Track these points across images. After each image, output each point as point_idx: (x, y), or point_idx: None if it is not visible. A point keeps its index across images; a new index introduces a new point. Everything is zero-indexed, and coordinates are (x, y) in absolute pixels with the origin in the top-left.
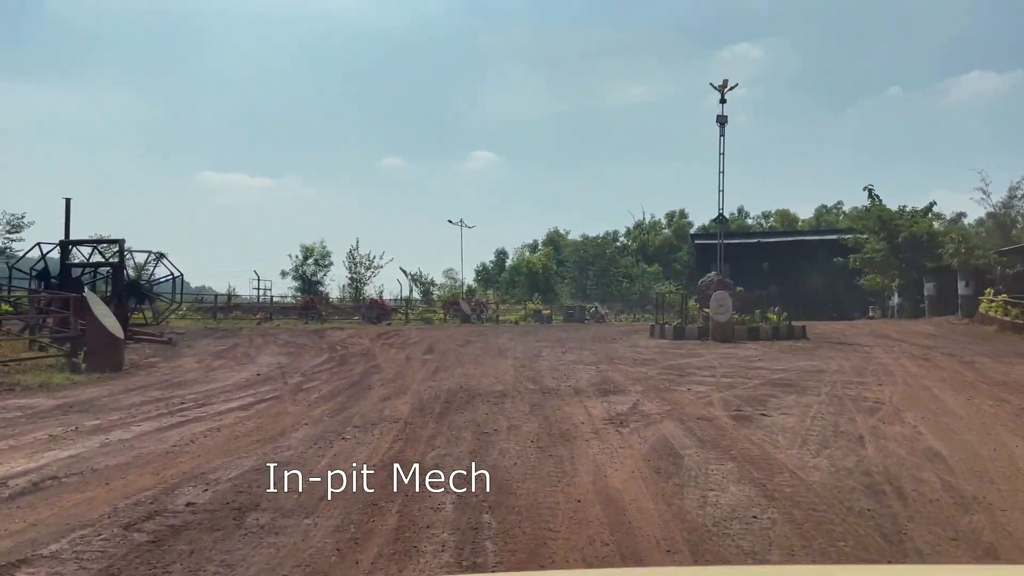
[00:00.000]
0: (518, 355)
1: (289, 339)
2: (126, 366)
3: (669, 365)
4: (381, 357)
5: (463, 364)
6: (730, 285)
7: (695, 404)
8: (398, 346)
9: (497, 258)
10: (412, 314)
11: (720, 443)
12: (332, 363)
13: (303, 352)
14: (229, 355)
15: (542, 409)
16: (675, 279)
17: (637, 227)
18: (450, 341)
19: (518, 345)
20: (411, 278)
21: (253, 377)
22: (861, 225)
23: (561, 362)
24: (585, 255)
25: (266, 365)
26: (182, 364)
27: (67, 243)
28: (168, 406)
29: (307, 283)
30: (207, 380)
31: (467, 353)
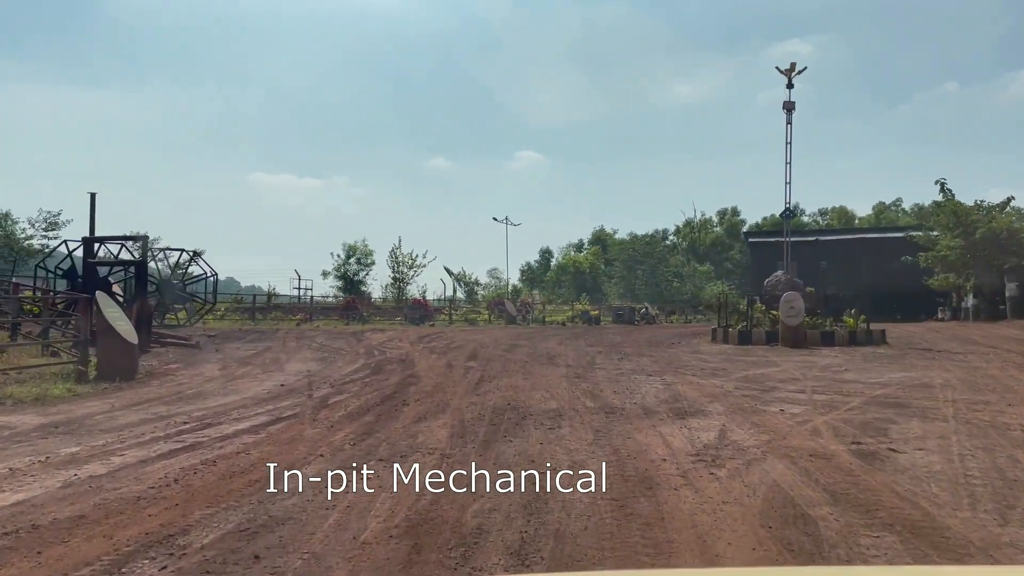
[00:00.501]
0: (570, 362)
1: (325, 342)
2: (141, 374)
3: (745, 377)
4: (420, 364)
5: (510, 374)
6: (799, 285)
7: (798, 432)
8: (439, 351)
9: (542, 257)
10: (456, 315)
11: (856, 496)
12: (366, 371)
13: (337, 358)
14: (256, 361)
15: (608, 437)
16: (727, 279)
17: (687, 225)
18: (495, 345)
19: (569, 350)
20: (455, 277)
21: (276, 389)
22: (933, 221)
23: (619, 372)
24: (634, 254)
25: (294, 373)
26: (203, 371)
27: (91, 240)
28: (168, 427)
29: (349, 283)
30: (223, 392)
31: (514, 360)
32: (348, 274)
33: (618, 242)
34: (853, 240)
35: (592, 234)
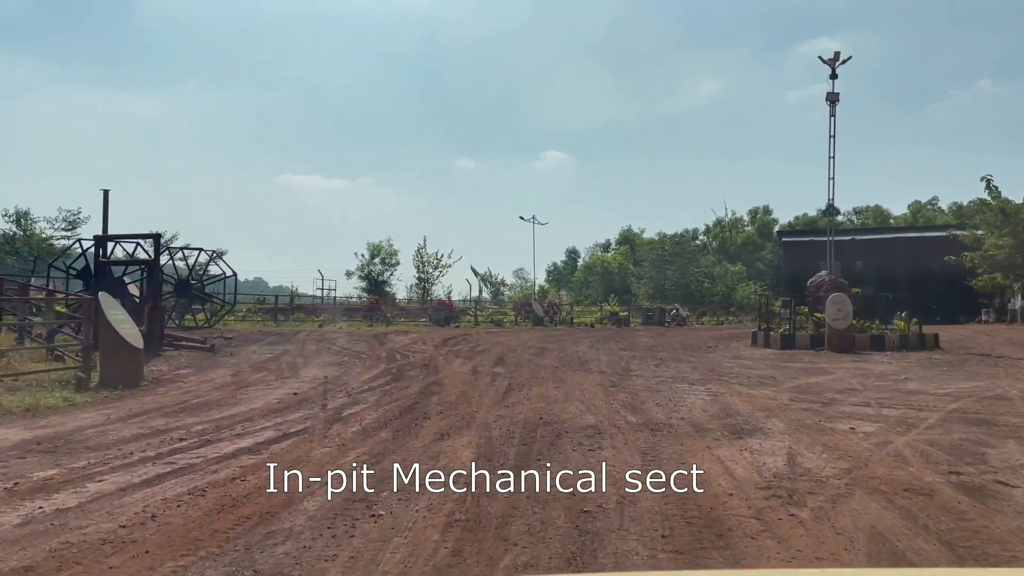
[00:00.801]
0: (604, 368)
1: (346, 345)
2: (147, 380)
3: (798, 386)
4: (444, 370)
5: (540, 381)
6: (844, 285)
7: (880, 458)
8: (464, 355)
9: (569, 258)
10: (481, 316)
11: (983, 550)
12: (386, 377)
13: (357, 362)
14: (272, 365)
15: (658, 461)
16: (759, 279)
17: (717, 224)
18: (523, 349)
19: (601, 354)
20: (481, 278)
21: (288, 398)
22: (978, 219)
23: (658, 380)
24: (663, 253)
25: (309, 380)
26: (213, 377)
27: (102, 239)
28: (161, 444)
29: (373, 283)
30: (231, 402)
31: (543, 365)
32: (372, 274)
33: (646, 242)
34: (890, 240)
35: (619, 234)
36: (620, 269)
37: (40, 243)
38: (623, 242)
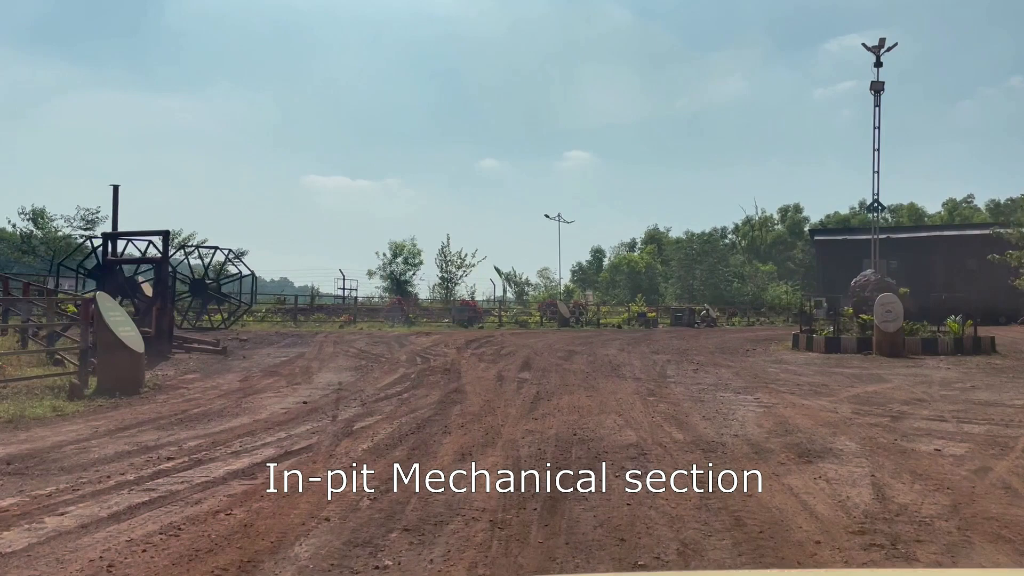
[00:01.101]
0: (638, 374)
1: (365, 347)
2: (148, 387)
3: (856, 396)
4: (467, 375)
5: (571, 389)
6: (891, 284)
7: (985, 490)
8: (489, 358)
9: (594, 257)
10: (505, 316)
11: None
12: (405, 384)
13: (374, 366)
14: (284, 370)
15: (719, 494)
16: (789, 279)
17: (746, 223)
18: (550, 352)
19: (633, 358)
20: (505, 277)
21: (296, 407)
22: (1022, 216)
23: (699, 387)
24: (691, 253)
25: (322, 386)
26: (220, 383)
27: (109, 236)
28: (146, 465)
29: (395, 283)
30: (234, 412)
31: (573, 370)
32: (394, 274)
33: (673, 241)
34: (925, 238)
35: (645, 233)
36: (647, 269)
37: (58, 242)
38: (649, 241)
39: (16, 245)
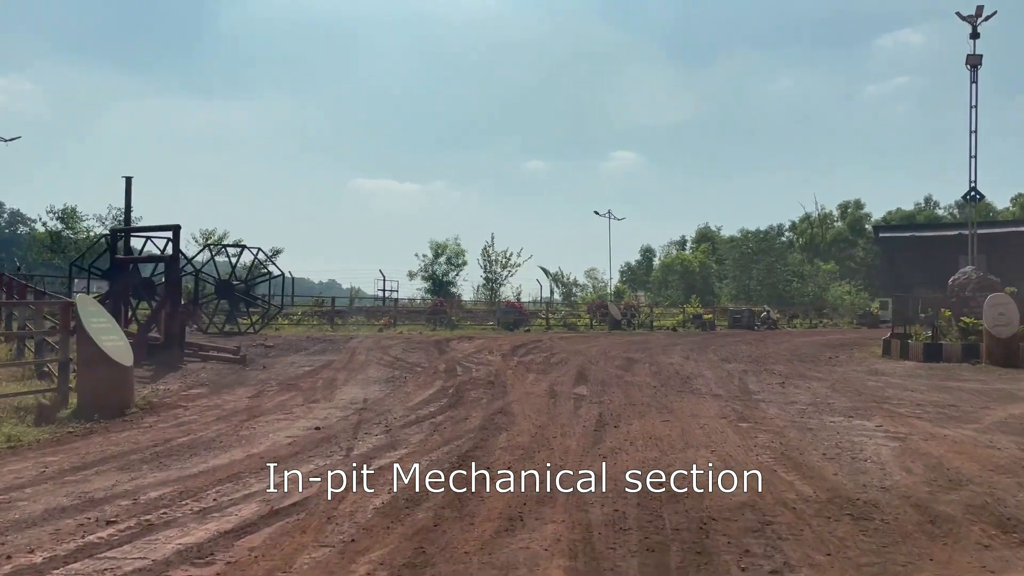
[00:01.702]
0: (715, 388)
1: (401, 354)
2: (138, 406)
3: (1004, 422)
4: (514, 390)
5: (640, 410)
6: (997, 283)
7: None
8: (538, 368)
9: (643, 257)
10: (553, 319)
11: None
12: (440, 401)
13: (409, 377)
14: (305, 383)
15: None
16: (850, 278)
17: (804, 220)
18: (605, 360)
19: (702, 367)
20: (552, 278)
21: (306, 435)
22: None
23: (797, 408)
24: (747, 251)
25: (344, 404)
26: (227, 400)
27: (116, 232)
28: (74, 534)
29: (437, 284)
30: (227, 443)
31: (637, 384)
32: (436, 275)
33: (726, 239)
34: (999, 234)
35: (696, 231)
36: (702, 268)
37: (88, 242)
38: (701, 240)
39: (46, 245)
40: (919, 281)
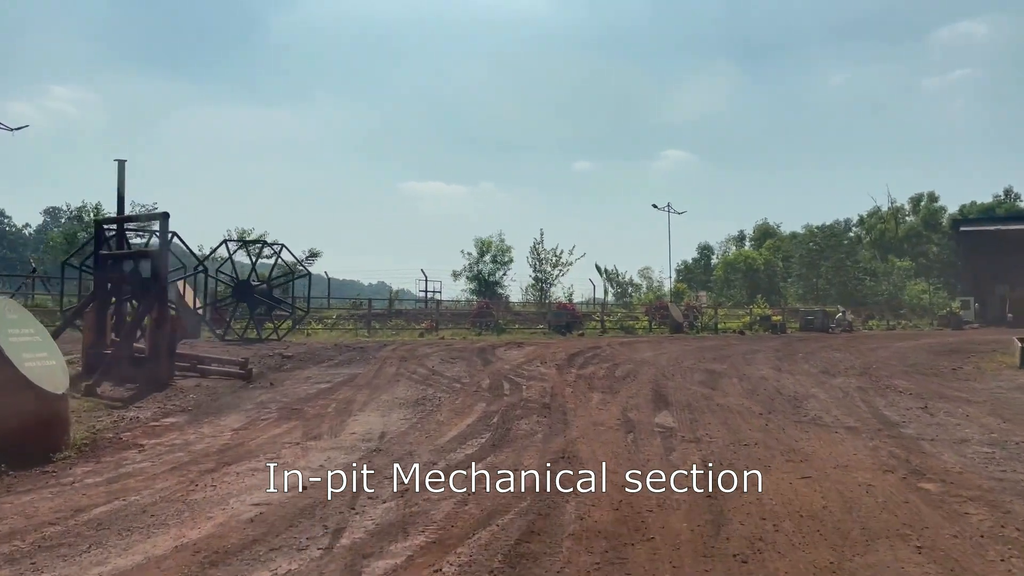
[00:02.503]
0: (840, 416)
1: (438, 365)
2: (78, 445)
3: None
4: (576, 420)
5: (759, 455)
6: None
7: None
8: (602, 384)
9: (701, 255)
10: (608, 321)
11: None
12: (480, 439)
13: (444, 398)
14: (314, 406)
15: None
16: (925, 275)
17: (873, 214)
18: (680, 372)
19: (805, 383)
20: (607, 277)
21: (281, 502)
22: None
23: (979, 452)
24: (814, 248)
25: (353, 441)
26: (202, 435)
27: (102, 223)
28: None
29: (483, 284)
30: (165, 516)
31: (735, 408)
32: (482, 274)
33: (789, 236)
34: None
35: (755, 227)
36: (767, 266)
37: None
38: (762, 236)
39: (57, 245)
40: (1004, 279)
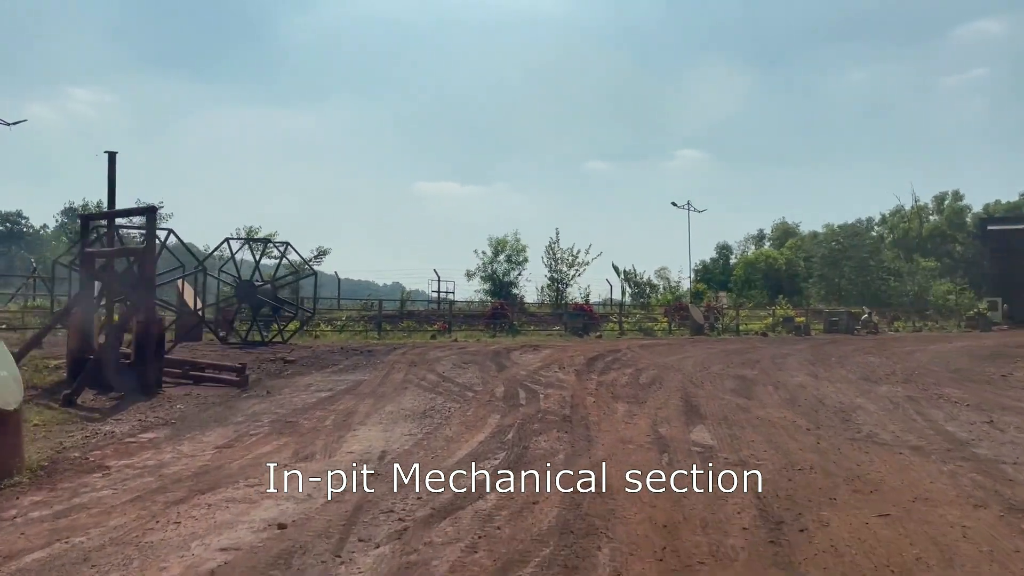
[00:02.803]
0: (898, 432)
1: (450, 371)
2: (32, 470)
3: None
4: (601, 437)
5: (819, 484)
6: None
7: None
8: (626, 392)
9: (719, 254)
10: (627, 322)
11: None
12: (494, 459)
13: (454, 408)
14: (310, 419)
15: None
16: (950, 275)
17: (895, 213)
18: (709, 379)
19: (848, 391)
20: (624, 277)
21: (254, 545)
22: None
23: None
24: (836, 247)
25: (350, 461)
26: (179, 455)
27: (85, 219)
28: None
29: (498, 284)
30: (109, 567)
31: (777, 423)
32: (496, 274)
33: (809, 236)
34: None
35: (773, 227)
36: (788, 266)
37: (129, 241)
38: (782, 235)
39: (65, 247)
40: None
